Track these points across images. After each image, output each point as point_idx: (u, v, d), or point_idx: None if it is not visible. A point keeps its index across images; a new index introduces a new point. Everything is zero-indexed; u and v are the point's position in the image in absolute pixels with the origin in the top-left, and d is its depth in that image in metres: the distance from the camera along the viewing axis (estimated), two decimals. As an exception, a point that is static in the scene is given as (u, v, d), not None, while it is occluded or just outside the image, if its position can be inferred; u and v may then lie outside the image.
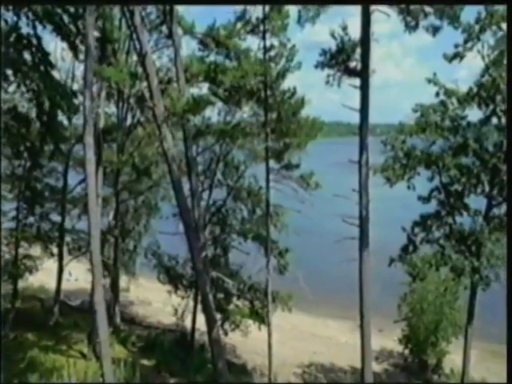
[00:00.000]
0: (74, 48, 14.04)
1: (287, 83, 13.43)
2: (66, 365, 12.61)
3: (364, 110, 9.92)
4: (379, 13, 9.50)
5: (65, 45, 14.66)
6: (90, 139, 10.50)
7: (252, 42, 13.46)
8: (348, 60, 9.39)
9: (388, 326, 18.57)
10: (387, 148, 14.49)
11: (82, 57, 14.50)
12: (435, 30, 9.12)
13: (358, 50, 9.64)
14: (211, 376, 13.62)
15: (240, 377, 14.94)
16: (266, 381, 14.54)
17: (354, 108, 9.71)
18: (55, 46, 15.35)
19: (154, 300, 20.38)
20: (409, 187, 13.92)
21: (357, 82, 9.62)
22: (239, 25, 12.57)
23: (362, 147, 10.29)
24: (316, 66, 9.70)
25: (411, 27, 8.97)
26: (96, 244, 10.91)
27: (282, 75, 12.98)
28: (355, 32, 9.96)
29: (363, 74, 9.51)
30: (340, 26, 9.51)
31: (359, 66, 9.58)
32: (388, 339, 18.72)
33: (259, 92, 12.73)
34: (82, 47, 13.79)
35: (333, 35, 9.54)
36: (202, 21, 13.42)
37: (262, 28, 12.48)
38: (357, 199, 11.47)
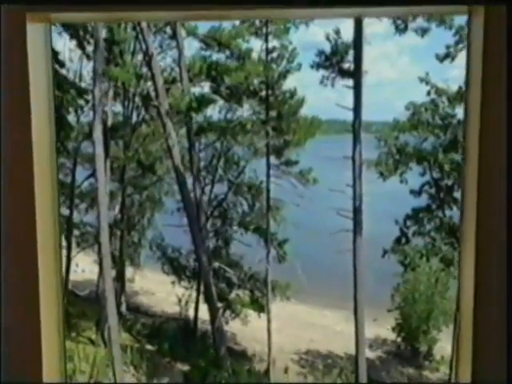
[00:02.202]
0: (82, 46, 14.42)
1: (288, 83, 13.85)
2: (76, 350, 13.02)
3: (357, 108, 10.34)
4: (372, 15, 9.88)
5: (72, 45, 15.05)
6: (99, 135, 10.93)
7: (253, 44, 13.83)
8: (342, 62, 9.77)
9: (382, 316, 18.95)
10: (381, 144, 14.93)
11: (88, 59, 14.93)
12: (424, 32, 9.49)
13: (352, 52, 10.04)
14: (213, 361, 14.08)
15: (241, 362, 15.38)
16: (265, 366, 15.01)
17: (347, 107, 10.11)
18: (63, 46, 15.67)
19: (158, 290, 20.76)
20: (401, 181, 14.37)
21: (350, 82, 10.02)
22: (244, 27, 12.94)
23: (356, 143, 10.70)
24: (312, 67, 10.12)
25: (401, 30, 9.34)
26: (105, 235, 11.36)
27: (283, 76, 13.38)
28: (350, 33, 10.32)
29: (356, 74, 9.92)
30: (333, 30, 9.90)
31: (352, 68, 9.98)
32: (382, 328, 19.12)
33: (261, 91, 13.13)
34: (89, 49, 14.21)
35: (327, 38, 9.94)
36: (205, 23, 13.77)
37: (264, 30, 12.85)
38: (351, 193, 11.90)
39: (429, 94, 14.45)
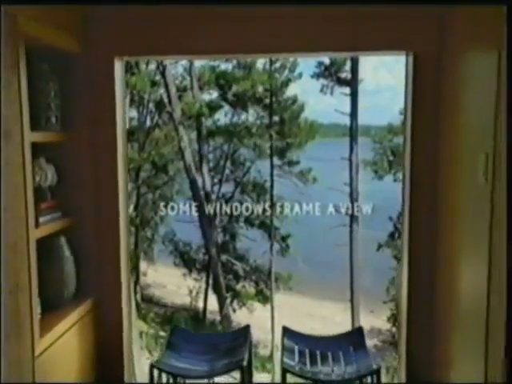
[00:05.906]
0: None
1: (290, 90, 14.50)
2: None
3: (354, 113, 11.01)
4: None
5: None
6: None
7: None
8: (339, 71, 10.44)
9: (378, 307, 19.47)
10: (377, 146, 15.57)
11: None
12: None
13: (349, 63, 10.73)
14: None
15: (246, 348, 16.02)
16: (269, 351, 15.67)
17: (345, 112, 10.77)
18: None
19: (169, 283, 21.41)
20: (395, 180, 15.00)
21: (347, 89, 10.69)
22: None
23: (352, 145, 11.36)
24: (312, 77, 10.82)
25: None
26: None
27: (285, 84, 14.03)
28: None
29: (352, 83, 10.59)
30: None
31: (349, 77, 10.66)
32: (378, 319, 19.64)
33: (265, 98, 13.82)
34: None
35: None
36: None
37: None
38: (348, 191, 12.56)
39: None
